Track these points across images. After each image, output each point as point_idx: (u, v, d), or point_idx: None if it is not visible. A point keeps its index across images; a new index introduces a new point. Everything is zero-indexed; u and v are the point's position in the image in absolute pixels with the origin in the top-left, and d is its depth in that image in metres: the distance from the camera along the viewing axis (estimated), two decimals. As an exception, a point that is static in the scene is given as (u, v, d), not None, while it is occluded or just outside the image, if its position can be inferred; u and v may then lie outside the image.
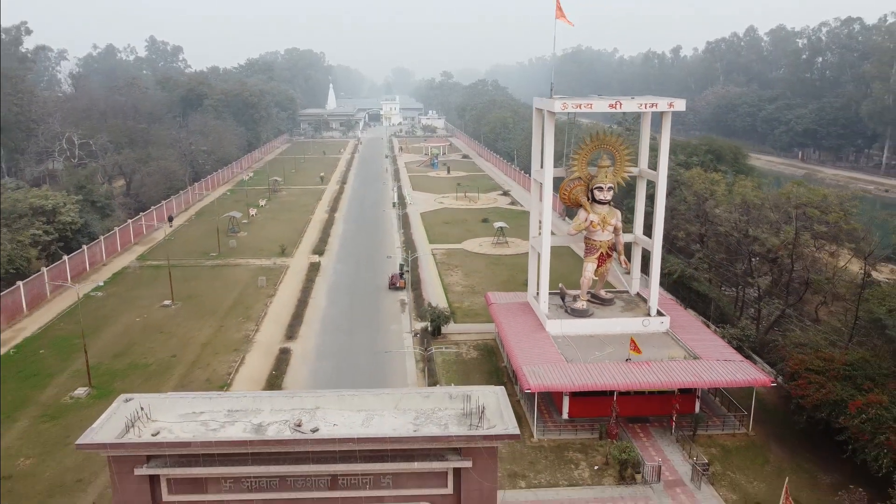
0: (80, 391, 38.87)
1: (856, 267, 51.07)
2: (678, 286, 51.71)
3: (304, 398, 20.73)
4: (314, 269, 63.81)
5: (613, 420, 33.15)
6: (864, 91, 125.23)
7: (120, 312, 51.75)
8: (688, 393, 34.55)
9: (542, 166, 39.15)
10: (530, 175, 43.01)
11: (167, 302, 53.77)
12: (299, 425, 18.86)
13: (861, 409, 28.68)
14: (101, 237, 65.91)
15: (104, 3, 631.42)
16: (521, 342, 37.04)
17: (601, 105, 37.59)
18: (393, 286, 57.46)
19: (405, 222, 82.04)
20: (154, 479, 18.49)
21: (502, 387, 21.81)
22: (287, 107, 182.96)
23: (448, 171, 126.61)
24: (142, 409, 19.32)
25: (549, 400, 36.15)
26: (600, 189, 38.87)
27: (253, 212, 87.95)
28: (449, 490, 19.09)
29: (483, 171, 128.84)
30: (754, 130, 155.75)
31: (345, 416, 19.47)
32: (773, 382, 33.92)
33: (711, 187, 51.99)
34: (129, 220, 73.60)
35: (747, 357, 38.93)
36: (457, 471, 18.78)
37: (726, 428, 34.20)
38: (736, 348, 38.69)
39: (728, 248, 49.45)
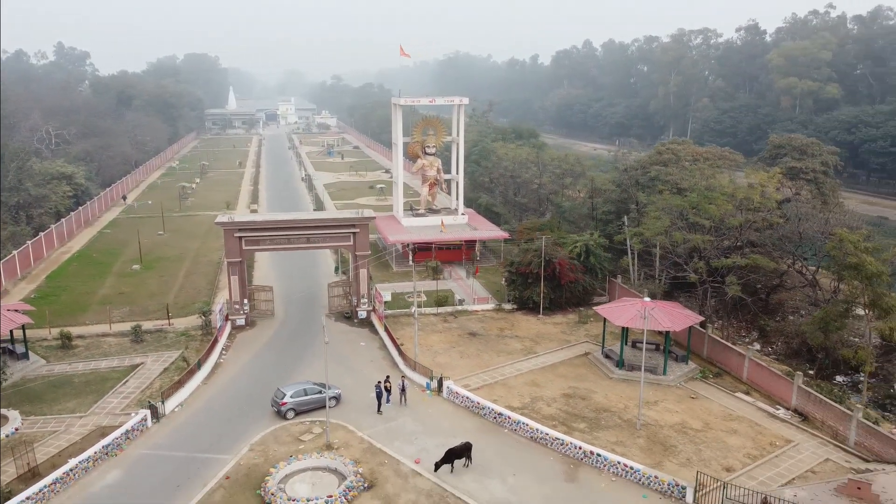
0: (136, 267, 67.66)
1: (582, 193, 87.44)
2: (486, 211, 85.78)
3: (296, 214, 52.52)
4: (254, 213, 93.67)
5: (433, 259, 66.32)
6: (653, 93, 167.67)
7: (131, 239, 78.95)
8: (471, 247, 68.53)
9: (396, 137, 71.93)
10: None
11: (160, 232, 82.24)
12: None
13: (535, 236, 63.02)
14: (95, 198, 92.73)
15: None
16: (388, 228, 69.54)
17: (425, 101, 71.18)
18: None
19: (313, 189, 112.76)
20: (241, 239, 49.35)
21: (372, 209, 54.48)
22: (195, 106, 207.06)
23: (342, 158, 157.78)
24: (230, 216, 50.02)
25: (401, 255, 69.03)
26: (428, 147, 71.97)
27: (193, 186, 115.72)
28: (350, 242, 51.24)
29: (370, 158, 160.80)
30: (586, 124, 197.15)
31: (307, 217, 51.28)
32: (510, 236, 68.46)
33: (508, 152, 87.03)
34: (108, 189, 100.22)
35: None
36: (353, 234, 50.76)
37: (489, 263, 68.39)
38: (510, 235, 72.42)
39: (515, 185, 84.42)
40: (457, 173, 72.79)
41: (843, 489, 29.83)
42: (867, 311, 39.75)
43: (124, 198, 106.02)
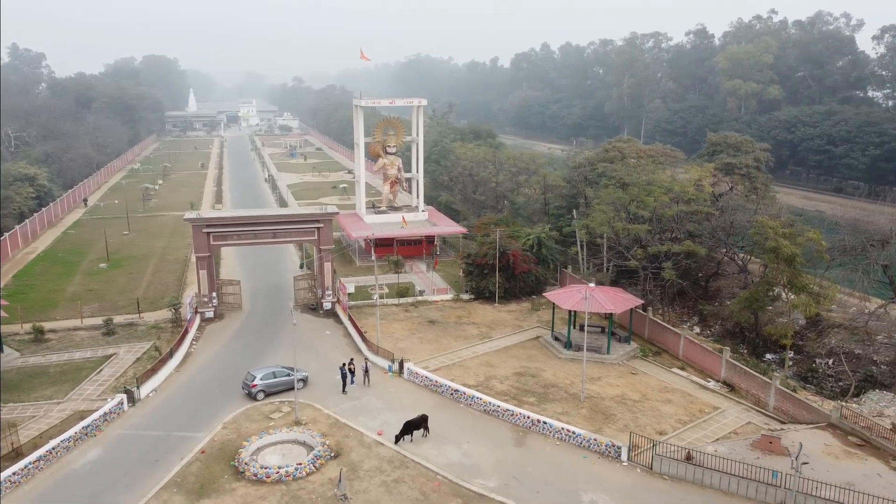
0: (103, 265, 69.05)
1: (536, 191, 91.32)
2: (446, 209, 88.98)
3: (262, 210, 54.79)
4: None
5: (395, 254, 69.17)
6: (608, 94, 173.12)
7: (96, 239, 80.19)
8: (431, 242, 71.60)
9: (358, 137, 74.63)
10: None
11: (126, 232, 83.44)
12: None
13: (492, 231, 66.40)
14: (58, 199, 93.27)
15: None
16: (351, 225, 72.20)
17: (385, 102, 74.05)
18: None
19: (276, 189, 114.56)
20: (209, 235, 51.52)
21: (336, 206, 57.05)
22: (156, 108, 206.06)
23: (305, 159, 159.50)
24: (198, 213, 52.06)
25: (363, 251, 71.74)
26: (389, 147, 74.83)
27: (156, 187, 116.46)
28: (315, 237, 53.83)
29: (333, 159, 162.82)
30: (544, 125, 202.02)
31: (272, 213, 53.67)
32: (468, 232, 71.69)
33: (466, 152, 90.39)
34: (71, 190, 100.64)
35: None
36: (318, 228, 53.37)
37: (448, 257, 71.55)
38: (468, 231, 75.72)
39: (473, 183, 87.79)
40: (417, 172, 75.79)
41: (758, 444, 33.75)
42: (786, 290, 43.98)
43: (85, 201, 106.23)
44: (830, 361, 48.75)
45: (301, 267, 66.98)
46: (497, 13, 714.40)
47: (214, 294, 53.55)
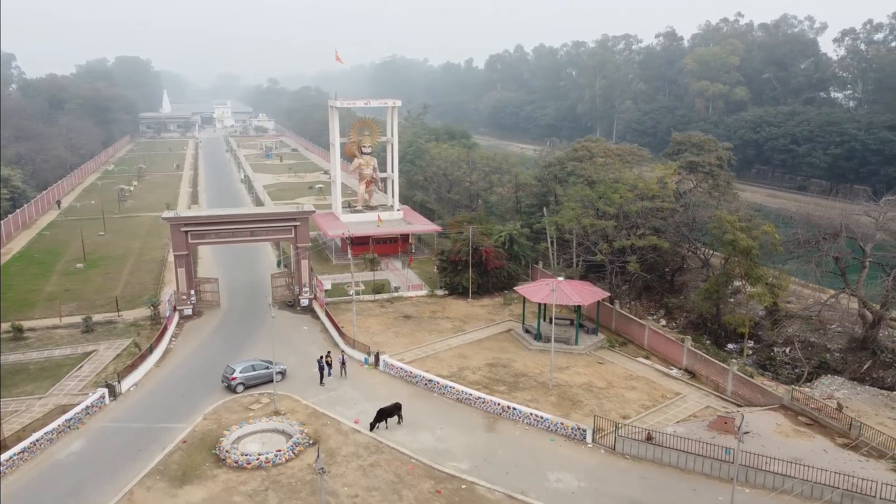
0: (79, 265, 69.43)
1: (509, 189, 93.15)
2: (421, 208, 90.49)
3: (240, 209, 55.83)
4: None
5: (371, 252, 70.56)
6: (581, 95, 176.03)
7: (72, 239, 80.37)
8: (406, 240, 73.08)
9: (333, 137, 75.87)
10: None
11: (101, 233, 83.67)
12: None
13: (465, 228, 68.04)
14: (32, 200, 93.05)
15: None
16: (327, 223, 73.42)
17: (360, 103, 75.37)
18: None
19: (253, 189, 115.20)
20: (187, 233, 52.46)
21: (312, 206, 58.29)
22: (129, 110, 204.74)
23: (281, 160, 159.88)
24: (176, 212, 52.99)
25: (340, 249, 73.00)
26: (364, 147, 76.18)
27: (131, 188, 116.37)
28: (292, 235, 55.04)
29: (309, 160, 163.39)
30: (518, 125, 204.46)
31: (250, 212, 54.70)
32: (442, 229, 73.33)
33: (441, 152, 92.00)
34: (45, 191, 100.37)
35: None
36: (294, 227, 54.59)
37: (423, 255, 73.07)
38: (442, 229, 77.34)
39: (448, 182, 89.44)
40: (392, 172, 77.22)
41: (713, 424, 35.82)
42: (744, 281, 46.24)
43: (59, 203, 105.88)
44: (787, 349, 51.21)
45: (278, 265, 68.05)
46: (497, 13, 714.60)
47: (193, 292, 54.49)
